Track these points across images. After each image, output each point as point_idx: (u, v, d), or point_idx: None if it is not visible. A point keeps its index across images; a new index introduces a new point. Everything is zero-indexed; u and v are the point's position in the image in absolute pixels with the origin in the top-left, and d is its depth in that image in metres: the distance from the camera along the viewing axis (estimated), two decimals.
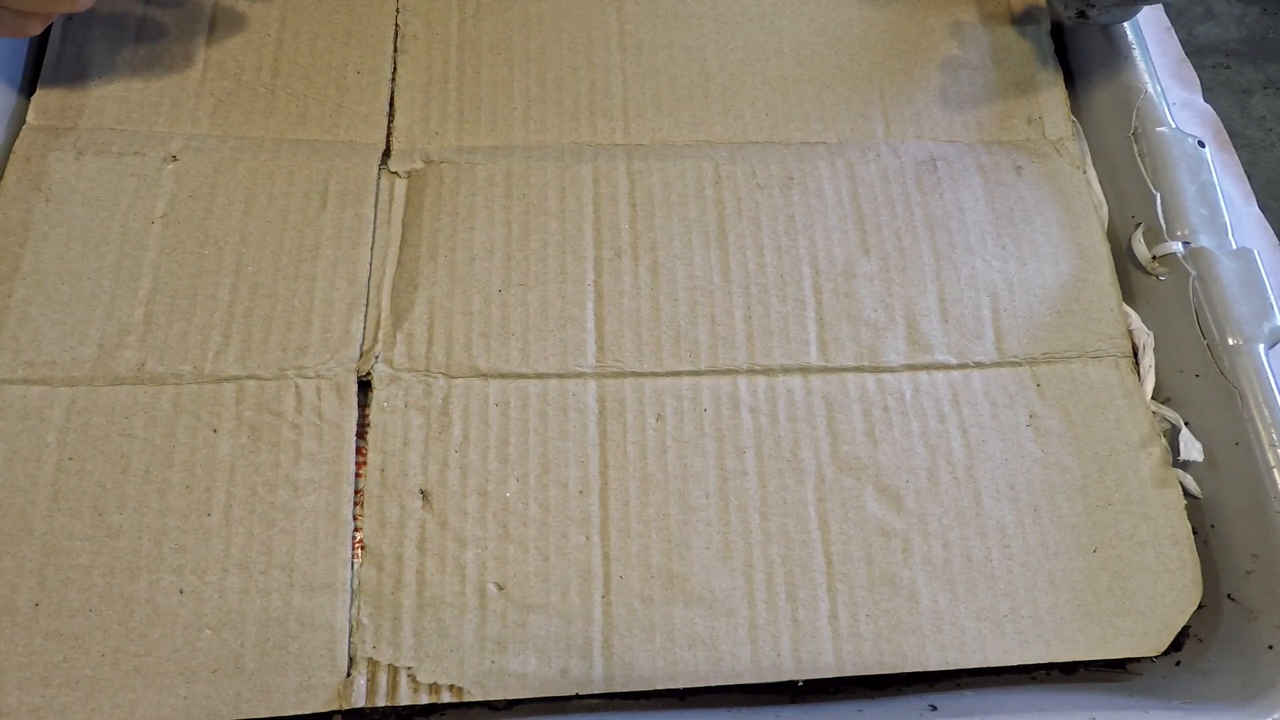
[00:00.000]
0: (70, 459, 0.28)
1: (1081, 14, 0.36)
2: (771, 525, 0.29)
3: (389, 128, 0.35)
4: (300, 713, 0.26)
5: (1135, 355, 0.33)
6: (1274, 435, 0.30)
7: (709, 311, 0.32)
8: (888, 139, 0.37)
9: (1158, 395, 0.33)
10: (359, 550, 0.28)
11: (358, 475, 0.29)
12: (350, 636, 0.27)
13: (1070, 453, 0.31)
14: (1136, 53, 0.37)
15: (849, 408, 0.31)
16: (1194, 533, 0.31)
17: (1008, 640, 0.29)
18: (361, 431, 0.30)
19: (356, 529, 0.29)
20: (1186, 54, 0.43)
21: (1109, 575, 0.30)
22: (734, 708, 0.28)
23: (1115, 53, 0.37)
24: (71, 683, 0.26)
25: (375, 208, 0.33)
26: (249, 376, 0.30)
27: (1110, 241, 0.35)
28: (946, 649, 0.28)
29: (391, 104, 0.35)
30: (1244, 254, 0.33)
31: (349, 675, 0.27)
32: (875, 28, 0.39)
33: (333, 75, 0.35)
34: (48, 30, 0.35)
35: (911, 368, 0.32)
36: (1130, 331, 0.34)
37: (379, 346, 0.31)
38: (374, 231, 0.33)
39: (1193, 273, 0.32)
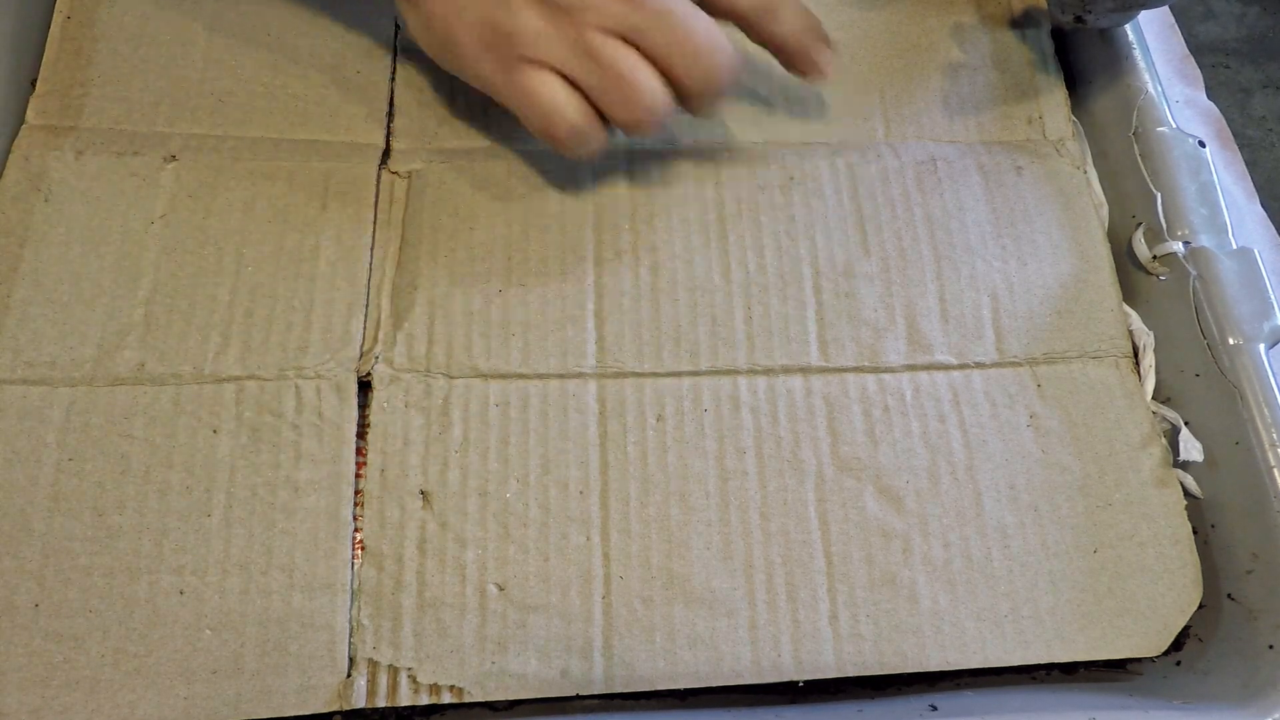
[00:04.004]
0: (70, 459, 0.28)
1: (1079, 19, 0.36)
2: (772, 526, 0.29)
3: (389, 128, 0.35)
4: (300, 713, 0.26)
5: (1135, 355, 0.33)
6: (1274, 435, 0.30)
7: (709, 312, 0.32)
8: (888, 139, 0.37)
9: (1158, 395, 0.33)
10: (359, 551, 0.28)
11: (358, 476, 0.29)
12: (350, 637, 0.27)
13: (1070, 453, 0.31)
14: (1137, 53, 0.37)
15: (849, 408, 0.31)
16: (1194, 533, 0.31)
17: (1008, 640, 0.29)
18: (361, 432, 0.30)
19: (356, 529, 0.29)
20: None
21: (1109, 575, 0.30)
22: (734, 708, 0.28)
23: (1116, 53, 0.37)
24: (71, 683, 0.26)
25: (375, 208, 0.33)
26: (249, 377, 0.30)
27: (1110, 241, 0.35)
28: (947, 649, 0.28)
29: (391, 104, 0.35)
30: (1244, 254, 0.33)
31: (349, 676, 0.27)
32: (875, 28, 0.39)
33: (333, 75, 0.35)
34: (47, 30, 0.35)
35: (912, 368, 0.32)
36: (1130, 331, 0.34)
37: (379, 347, 0.31)
38: (374, 231, 0.33)
39: (1193, 272, 0.32)
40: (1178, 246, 0.33)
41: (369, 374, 0.30)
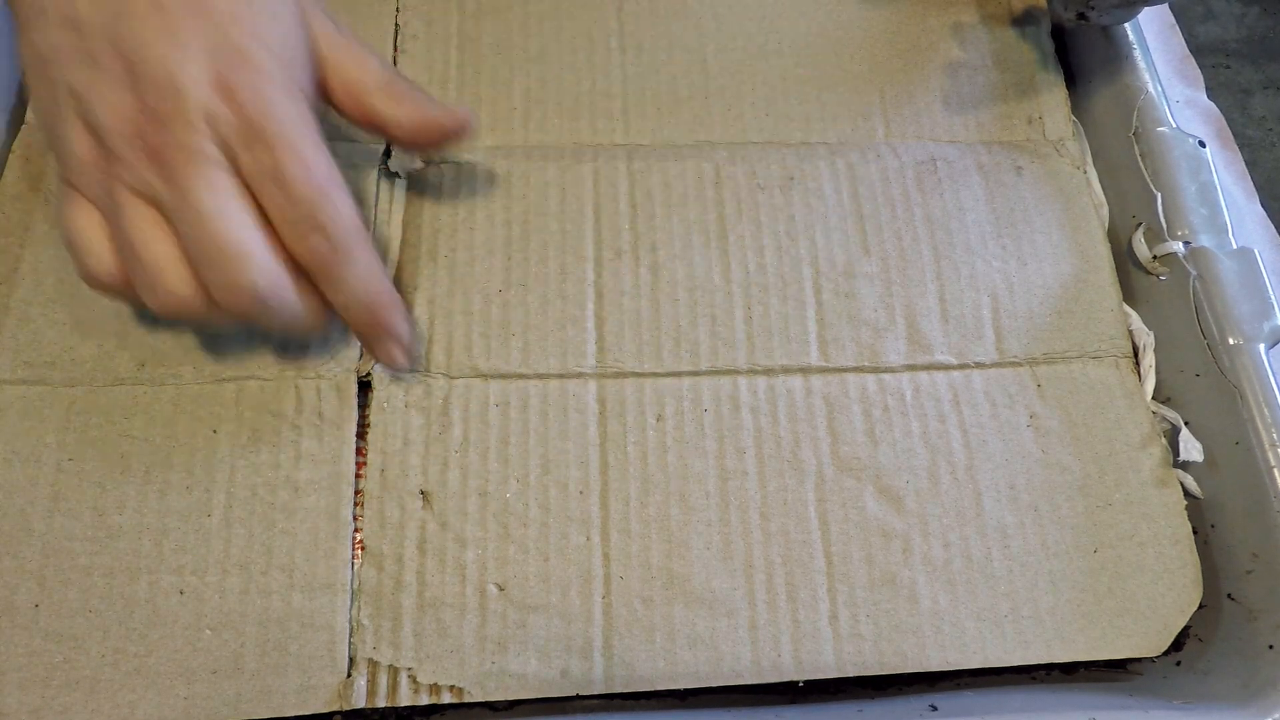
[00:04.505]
0: (70, 459, 0.28)
1: (1081, 16, 0.36)
2: (772, 525, 0.29)
3: None
4: (300, 713, 0.26)
5: (1135, 355, 0.33)
6: (1274, 435, 0.30)
7: (709, 312, 0.32)
8: (888, 139, 0.37)
9: (1158, 395, 0.33)
10: (359, 551, 0.28)
11: (358, 476, 0.29)
12: (350, 637, 0.27)
13: (1070, 453, 0.31)
14: (1137, 53, 0.37)
15: (849, 408, 0.31)
16: (1194, 533, 0.31)
17: (1008, 640, 0.29)
18: (361, 432, 0.30)
19: (356, 530, 0.29)
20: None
21: (1109, 575, 0.30)
22: (734, 708, 0.28)
23: (1116, 53, 0.37)
24: (71, 684, 0.26)
25: (375, 208, 0.33)
26: (249, 377, 0.30)
27: (1110, 241, 0.35)
28: (947, 649, 0.28)
29: None
30: (1244, 253, 0.33)
31: (349, 676, 0.27)
32: (875, 28, 0.39)
33: None
34: None
35: (912, 368, 0.32)
36: (1130, 331, 0.34)
37: None
38: (374, 231, 0.33)
39: (1193, 272, 0.32)
40: (1178, 246, 0.33)
41: (369, 374, 0.30)
